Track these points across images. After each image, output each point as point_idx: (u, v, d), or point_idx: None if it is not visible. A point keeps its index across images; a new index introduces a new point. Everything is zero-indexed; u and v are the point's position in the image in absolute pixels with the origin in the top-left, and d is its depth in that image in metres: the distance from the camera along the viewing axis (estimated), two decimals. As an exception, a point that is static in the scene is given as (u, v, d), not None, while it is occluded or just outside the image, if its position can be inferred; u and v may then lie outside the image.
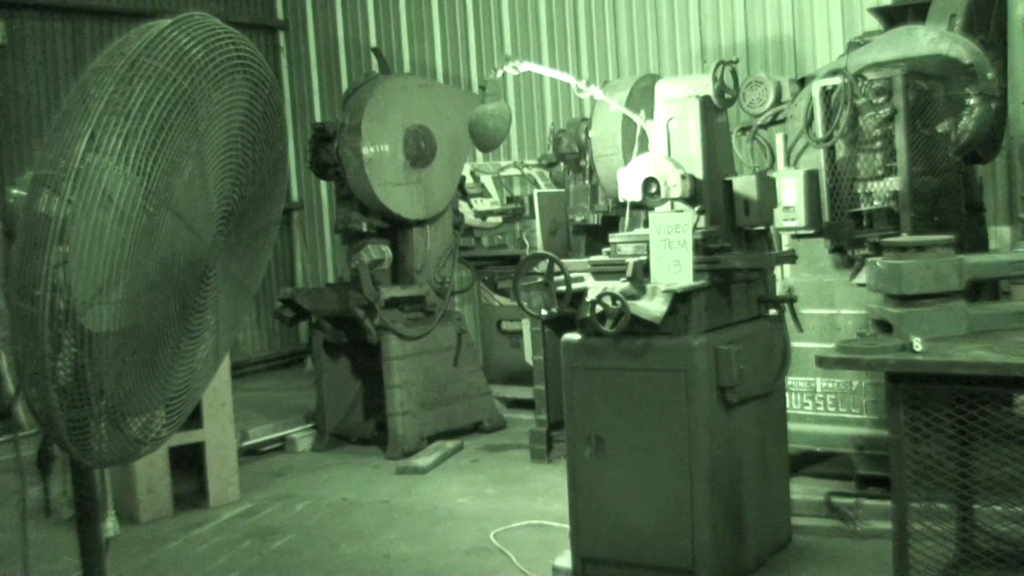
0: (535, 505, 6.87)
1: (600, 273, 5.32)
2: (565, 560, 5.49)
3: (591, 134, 6.10)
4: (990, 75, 6.03)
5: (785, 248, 6.38)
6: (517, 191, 10.52)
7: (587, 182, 6.76)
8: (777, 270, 6.35)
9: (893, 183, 5.79)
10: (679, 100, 5.55)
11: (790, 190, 5.98)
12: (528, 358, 8.35)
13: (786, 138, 6.28)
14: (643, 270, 5.08)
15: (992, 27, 6.58)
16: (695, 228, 5.17)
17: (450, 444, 8.48)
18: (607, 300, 5.03)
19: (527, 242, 9.49)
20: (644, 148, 5.60)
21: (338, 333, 8.77)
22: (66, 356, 3.20)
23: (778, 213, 5.95)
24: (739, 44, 9.96)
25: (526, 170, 10.16)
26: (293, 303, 8.86)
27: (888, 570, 3.88)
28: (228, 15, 11.54)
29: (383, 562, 6.06)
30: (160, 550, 6.49)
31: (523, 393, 9.15)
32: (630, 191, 5.45)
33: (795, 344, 5.67)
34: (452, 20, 11.96)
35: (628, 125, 5.76)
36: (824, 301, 6.28)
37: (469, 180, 9.83)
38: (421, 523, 6.71)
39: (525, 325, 8.56)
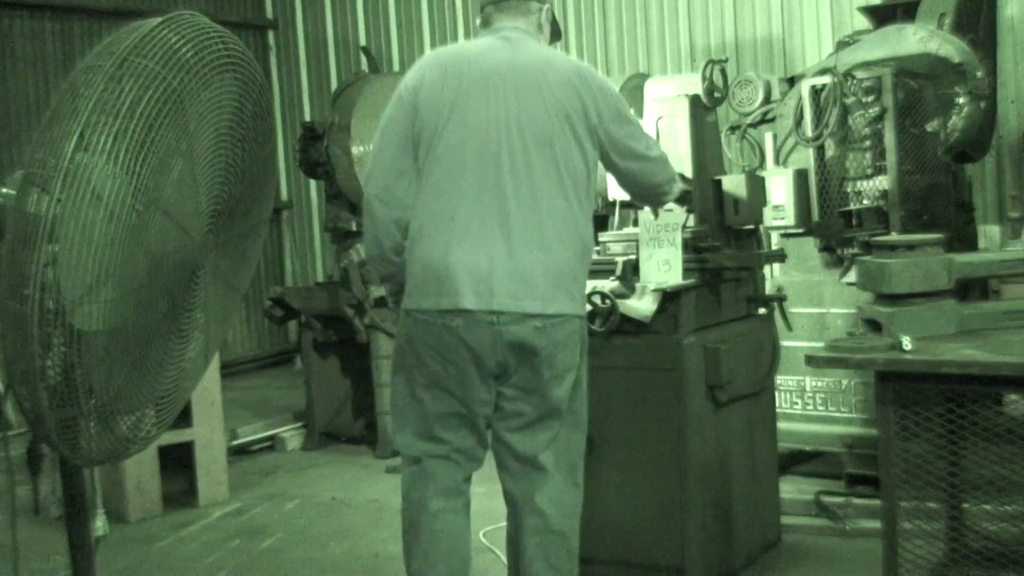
0: (525, 504, 6.85)
1: (590, 272, 5.31)
2: (555, 559, 5.48)
3: (581, 133, 6.08)
4: (979, 74, 6.04)
5: (774, 247, 6.38)
6: (507, 190, 10.49)
7: (577, 181, 6.75)
8: (766, 269, 6.35)
9: (882, 182, 5.79)
10: (668, 99, 5.55)
11: (779, 189, 5.99)
12: (518, 357, 8.35)
13: (775, 137, 6.29)
14: (633, 269, 5.09)
15: (981, 26, 6.59)
16: (684, 227, 5.18)
17: (440, 443, 8.47)
18: (596, 299, 5.02)
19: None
20: (634, 147, 5.59)
21: (327, 332, 8.76)
22: (55, 355, 3.20)
23: (767, 212, 5.95)
24: (728, 43, 9.96)
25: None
26: (283, 302, 8.84)
27: (877, 569, 3.89)
28: (217, 14, 11.53)
29: (372, 561, 6.06)
30: (149, 549, 6.48)
31: (513, 392, 9.13)
32: (620, 190, 5.44)
33: (784, 343, 5.68)
34: (442, 19, 11.96)
35: (618, 124, 5.75)
36: (813, 300, 6.29)
37: (459, 179, 9.82)
38: (411, 522, 6.70)
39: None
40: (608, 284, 5.06)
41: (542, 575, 4.22)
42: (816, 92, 5.90)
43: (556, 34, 4.60)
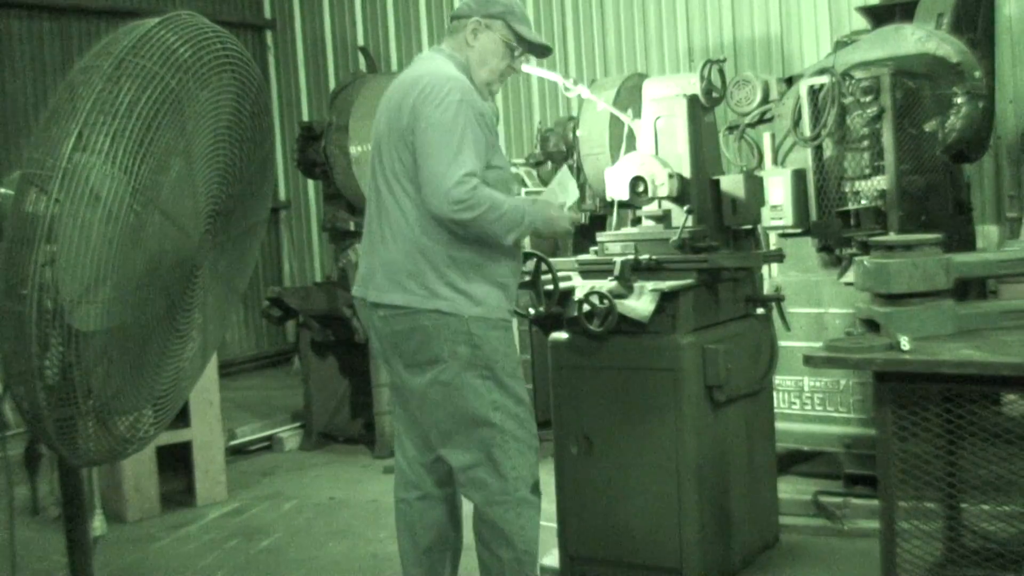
0: (523, 504, 6.85)
1: (588, 272, 5.32)
2: (552, 559, 5.49)
3: (578, 133, 6.09)
4: (977, 74, 6.04)
5: (773, 247, 6.38)
6: (505, 190, 10.49)
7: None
8: (765, 269, 6.35)
9: (880, 182, 5.79)
10: (666, 99, 5.55)
11: (777, 189, 5.98)
12: (516, 357, 8.34)
13: (773, 137, 6.28)
14: (631, 269, 5.08)
15: (979, 26, 6.59)
16: (683, 227, 5.18)
17: (438, 443, 8.46)
18: (595, 299, 5.03)
19: (515, 241, 9.46)
20: (631, 147, 5.60)
21: (325, 332, 8.76)
22: (53, 355, 3.20)
23: (765, 212, 5.95)
24: (727, 43, 9.97)
25: (513, 169, 10.14)
26: (280, 302, 8.84)
27: (875, 569, 3.89)
28: (216, 14, 11.51)
29: (370, 561, 6.06)
30: (147, 549, 6.48)
31: (511, 392, 9.12)
32: (618, 190, 5.45)
33: (782, 343, 5.68)
34: (439, 19, 11.95)
35: (616, 124, 5.76)
36: (812, 300, 6.29)
37: (457, 179, 9.79)
38: (409, 522, 6.69)
39: (513, 324, 8.54)
40: (606, 284, 5.06)
41: (486, 560, 4.62)
42: (814, 92, 5.89)
43: (536, 50, 4.75)
